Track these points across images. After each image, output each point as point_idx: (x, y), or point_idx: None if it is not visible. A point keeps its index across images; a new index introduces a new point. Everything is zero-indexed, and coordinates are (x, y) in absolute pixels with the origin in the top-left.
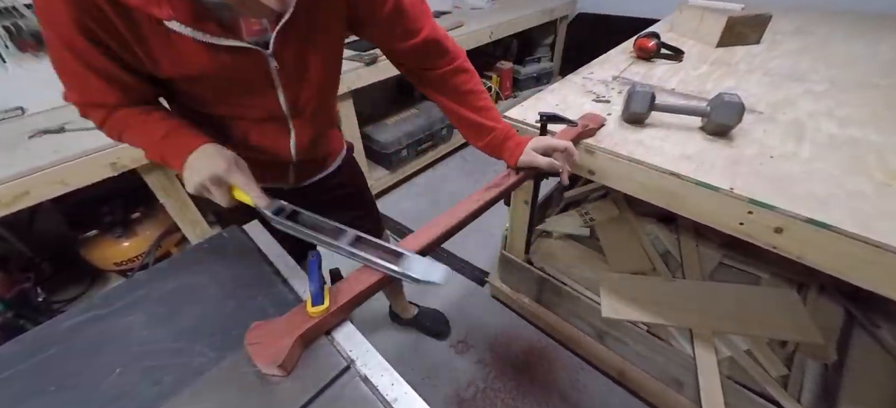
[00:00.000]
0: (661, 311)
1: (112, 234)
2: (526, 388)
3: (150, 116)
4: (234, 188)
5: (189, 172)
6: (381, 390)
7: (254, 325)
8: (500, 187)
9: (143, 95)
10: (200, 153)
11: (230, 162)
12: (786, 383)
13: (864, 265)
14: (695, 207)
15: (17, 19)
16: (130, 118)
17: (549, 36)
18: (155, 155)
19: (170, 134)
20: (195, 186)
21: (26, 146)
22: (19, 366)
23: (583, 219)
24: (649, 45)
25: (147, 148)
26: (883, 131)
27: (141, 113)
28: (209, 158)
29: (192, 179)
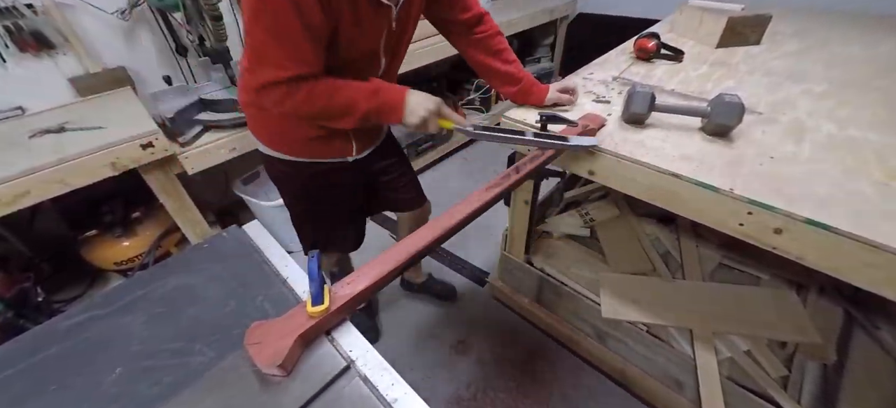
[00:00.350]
0: (661, 311)
1: (112, 234)
2: (526, 388)
3: (348, 81)
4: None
5: (412, 110)
6: (381, 390)
7: (254, 325)
8: (500, 187)
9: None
10: (415, 96)
11: (439, 100)
12: (785, 383)
13: (863, 266)
14: (695, 208)
15: (17, 19)
16: (334, 84)
17: (549, 36)
18: (370, 104)
19: (380, 89)
20: (419, 118)
21: (26, 146)
22: (19, 366)
23: (583, 219)
24: (649, 46)
25: (361, 101)
26: (883, 132)
27: (337, 81)
28: (425, 98)
29: (417, 112)
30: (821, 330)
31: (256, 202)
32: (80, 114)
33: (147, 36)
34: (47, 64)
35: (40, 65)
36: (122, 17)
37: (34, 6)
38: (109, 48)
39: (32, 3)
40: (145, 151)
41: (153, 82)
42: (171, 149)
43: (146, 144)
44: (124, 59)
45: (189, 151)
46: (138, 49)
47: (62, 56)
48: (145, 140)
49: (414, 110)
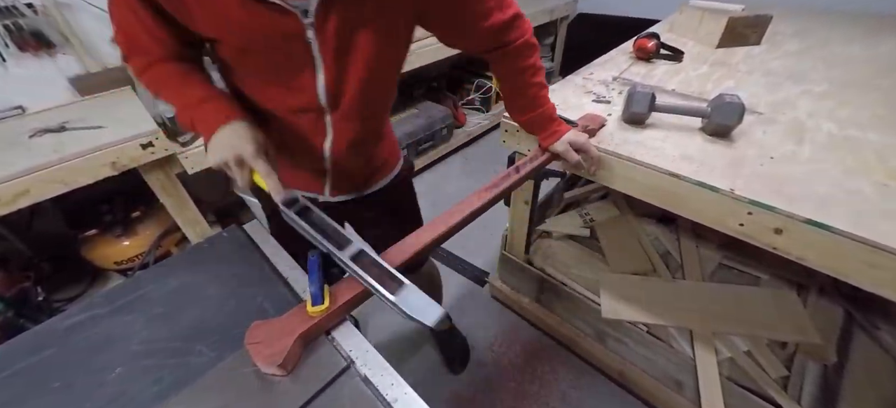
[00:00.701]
0: (661, 311)
1: (112, 233)
2: (526, 388)
3: (191, 78)
4: (254, 172)
5: (215, 144)
6: (381, 390)
7: (254, 325)
8: (500, 187)
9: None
10: (231, 129)
11: (258, 146)
12: (786, 384)
13: (863, 266)
14: (695, 208)
15: (17, 19)
16: (171, 75)
17: (550, 36)
18: (186, 117)
19: (207, 100)
20: (217, 162)
21: (26, 145)
22: (19, 365)
23: (583, 219)
24: (649, 46)
25: (180, 108)
26: (883, 132)
27: (182, 72)
28: (238, 137)
29: (216, 153)
30: (821, 330)
31: (256, 202)
32: (81, 113)
33: None
34: (47, 63)
35: (40, 64)
36: None
37: (34, 6)
38: (109, 48)
39: (32, 3)
40: (145, 150)
41: None
42: (171, 149)
43: (146, 144)
44: None
45: (189, 151)
46: None
47: (62, 56)
48: (145, 140)
49: (211, 149)
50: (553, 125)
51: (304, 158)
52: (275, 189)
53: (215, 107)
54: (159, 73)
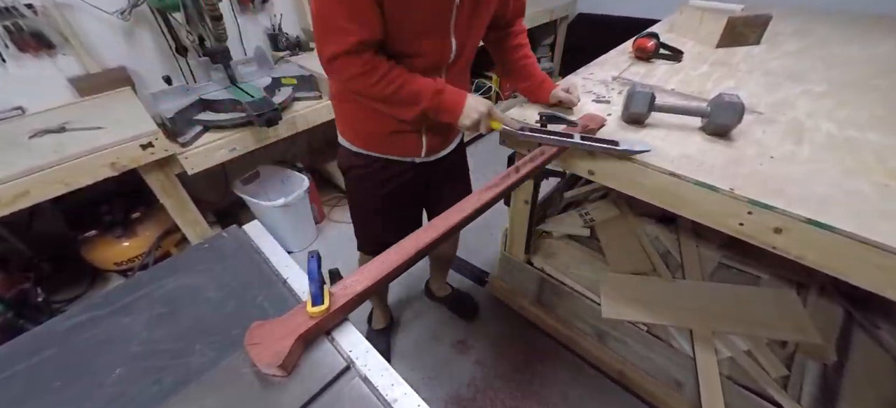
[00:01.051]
0: (661, 311)
1: (112, 234)
2: (526, 388)
3: (419, 77)
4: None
5: (468, 113)
6: (381, 391)
7: (254, 325)
8: (500, 187)
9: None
10: (471, 100)
11: (491, 104)
12: (786, 383)
13: (863, 266)
14: (694, 208)
15: (17, 19)
16: (406, 74)
17: (549, 36)
18: (431, 101)
19: (444, 89)
20: (472, 121)
21: (26, 146)
22: (19, 366)
23: (583, 219)
24: (648, 46)
25: (425, 96)
26: (882, 131)
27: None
28: (480, 101)
29: (471, 115)
30: (821, 330)
31: (256, 202)
32: (80, 114)
33: (147, 36)
34: (47, 64)
35: (40, 65)
36: (122, 17)
37: (34, 6)
38: (109, 48)
39: (32, 3)
40: (145, 151)
41: (153, 82)
42: (170, 149)
43: (146, 145)
44: (124, 59)
45: (189, 151)
46: (138, 49)
47: (62, 56)
48: (145, 140)
49: (468, 113)
50: (547, 84)
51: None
52: (513, 122)
53: (452, 91)
54: (399, 74)
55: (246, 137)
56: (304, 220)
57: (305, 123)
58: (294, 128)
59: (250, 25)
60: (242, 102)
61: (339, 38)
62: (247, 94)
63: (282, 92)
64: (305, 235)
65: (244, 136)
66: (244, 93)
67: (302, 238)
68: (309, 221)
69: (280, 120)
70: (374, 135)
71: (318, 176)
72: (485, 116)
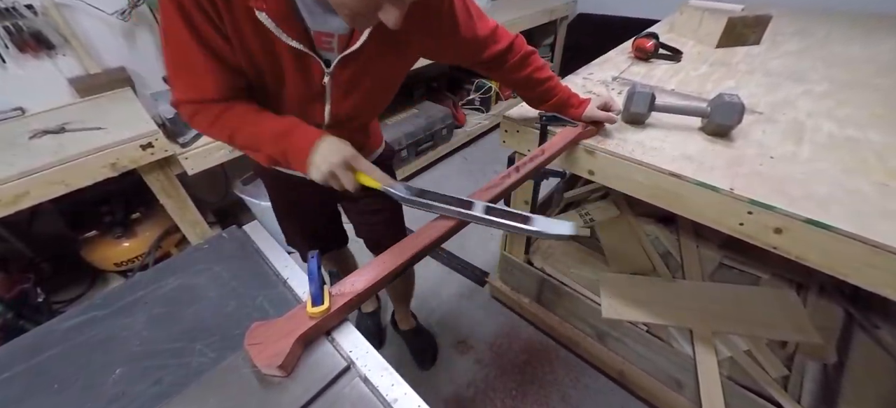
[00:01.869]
0: (661, 311)
1: (112, 234)
2: (526, 388)
3: (264, 116)
4: (358, 173)
5: (318, 161)
6: (382, 391)
7: (254, 325)
8: (500, 187)
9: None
10: (327, 143)
11: (355, 150)
12: (786, 383)
13: (863, 266)
14: (695, 208)
15: (17, 20)
16: (243, 116)
17: (549, 36)
18: (273, 151)
19: (293, 129)
20: (324, 174)
21: (26, 146)
22: (19, 366)
23: (583, 219)
24: (647, 46)
25: (266, 142)
26: (882, 131)
27: (252, 112)
28: (336, 146)
29: (322, 167)
30: (821, 330)
31: (256, 203)
32: (80, 114)
33: (147, 36)
34: (47, 65)
35: (40, 65)
36: (122, 18)
37: (34, 7)
38: (109, 49)
39: (32, 4)
40: (145, 151)
41: (153, 82)
42: (170, 149)
43: (146, 145)
44: (124, 60)
45: (189, 152)
46: (138, 49)
47: (62, 57)
48: (145, 141)
49: (317, 164)
50: (573, 101)
51: None
52: (384, 179)
53: (304, 130)
54: (230, 119)
55: None
56: None
57: None
58: None
59: None
60: None
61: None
62: None
63: None
64: None
65: None
66: None
67: None
68: None
69: None
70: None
71: None
72: (340, 167)
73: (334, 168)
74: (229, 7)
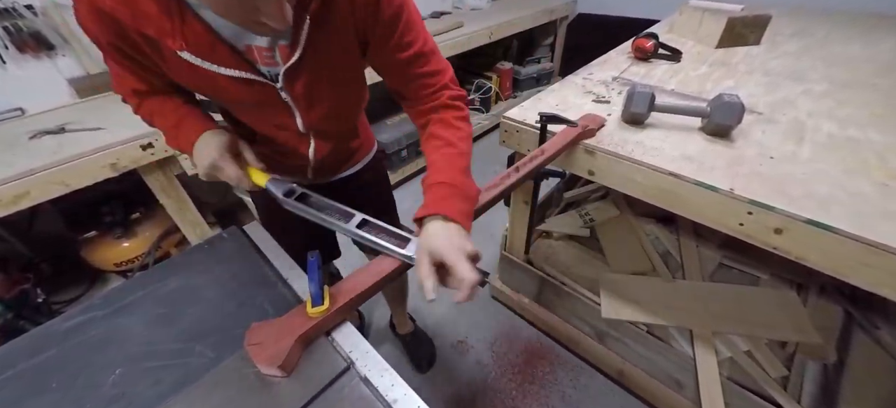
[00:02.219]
0: (661, 311)
1: (112, 234)
2: (526, 388)
3: (166, 105)
4: (249, 169)
5: (197, 157)
6: (381, 391)
7: (254, 325)
8: (500, 187)
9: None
10: (203, 139)
11: (221, 149)
12: (785, 383)
13: (863, 266)
14: (695, 208)
15: (17, 20)
16: (156, 106)
17: (549, 36)
18: (174, 144)
19: (180, 123)
20: (205, 170)
21: (26, 147)
22: (19, 366)
23: (583, 219)
24: (647, 46)
25: (168, 135)
26: (883, 131)
27: (163, 101)
28: (212, 140)
29: (202, 163)
30: (821, 330)
31: None
32: (80, 115)
33: None
34: (47, 65)
35: (40, 66)
36: None
37: (34, 7)
38: None
39: (32, 4)
40: (145, 151)
41: None
42: (170, 150)
43: (146, 145)
44: None
45: None
46: None
47: (62, 57)
48: (145, 141)
49: (198, 162)
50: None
51: (290, 157)
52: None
53: (187, 127)
54: (147, 108)
55: None
56: None
57: None
58: None
59: None
60: None
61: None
62: None
63: None
64: None
65: None
66: None
67: None
68: None
69: None
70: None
71: None
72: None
73: (214, 163)
74: (160, 54)
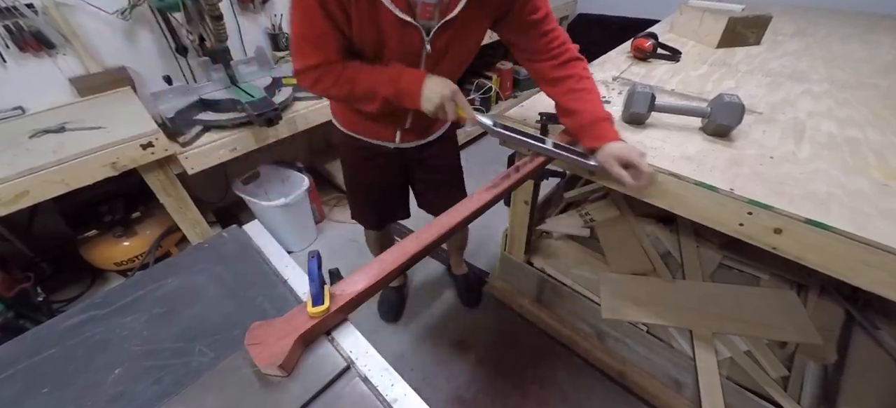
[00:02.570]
0: (661, 311)
1: (112, 234)
2: (526, 388)
3: (376, 66)
4: (458, 108)
5: (428, 94)
6: (382, 391)
7: (254, 325)
8: (500, 188)
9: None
10: (432, 82)
11: (454, 88)
12: (786, 383)
13: (863, 266)
14: (695, 208)
15: (18, 19)
16: (359, 70)
17: None
18: (389, 89)
19: (402, 73)
20: (435, 104)
21: (26, 146)
22: (19, 366)
23: (583, 219)
24: (646, 46)
25: (382, 85)
26: (882, 131)
27: (365, 65)
28: (442, 83)
29: (433, 98)
30: (821, 330)
31: (256, 202)
32: (81, 114)
33: (147, 36)
34: (47, 64)
35: (40, 65)
36: (122, 17)
37: (34, 6)
38: (109, 48)
39: (32, 3)
40: (145, 151)
41: (153, 82)
42: (171, 149)
43: (146, 144)
44: (124, 59)
45: (189, 151)
46: (138, 49)
47: (62, 56)
48: (145, 140)
49: (429, 97)
50: (596, 130)
51: (390, 115)
52: (474, 114)
53: (410, 74)
54: (349, 73)
55: (246, 137)
56: (305, 220)
57: (305, 123)
58: (294, 128)
59: (250, 25)
60: (242, 102)
61: (300, 58)
62: (247, 93)
63: (282, 92)
64: (305, 235)
65: (244, 135)
66: (244, 93)
67: (302, 238)
68: (309, 221)
69: (280, 120)
70: (351, 119)
71: (318, 176)
72: (447, 98)
73: (444, 99)
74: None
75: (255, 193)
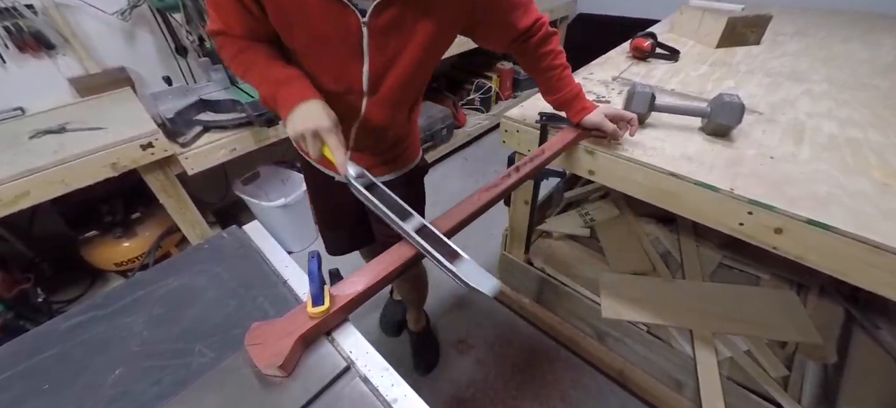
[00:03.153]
0: (661, 311)
1: (112, 234)
2: (526, 388)
3: (275, 62)
4: (325, 146)
5: (295, 118)
6: (382, 391)
7: (254, 325)
8: (500, 187)
9: (266, 32)
10: (310, 106)
11: (333, 122)
12: (786, 383)
13: (863, 266)
14: (695, 208)
15: (17, 19)
16: (258, 58)
17: None
18: (268, 93)
19: (290, 80)
20: (296, 133)
21: (26, 146)
22: (19, 366)
23: (583, 219)
24: (644, 45)
25: (263, 86)
26: (883, 131)
27: (268, 56)
28: (317, 113)
29: (296, 125)
30: (821, 330)
31: (256, 202)
32: (81, 114)
33: (147, 36)
34: (47, 64)
35: (40, 65)
36: (122, 18)
37: (34, 6)
38: (109, 48)
39: (32, 4)
40: (145, 151)
41: (153, 82)
42: (170, 149)
43: (146, 145)
44: (124, 60)
45: (189, 152)
46: (138, 49)
47: (62, 56)
48: (145, 140)
49: (294, 121)
50: (579, 102)
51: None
52: (342, 162)
53: (297, 86)
54: (246, 58)
55: (246, 138)
56: (304, 220)
57: None
58: None
59: None
60: (242, 103)
61: (209, 20)
62: (247, 94)
63: None
64: (305, 235)
65: (244, 136)
66: (244, 93)
67: (302, 238)
68: (309, 221)
69: (280, 120)
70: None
71: None
72: (311, 132)
73: (306, 132)
74: None
75: (255, 193)
